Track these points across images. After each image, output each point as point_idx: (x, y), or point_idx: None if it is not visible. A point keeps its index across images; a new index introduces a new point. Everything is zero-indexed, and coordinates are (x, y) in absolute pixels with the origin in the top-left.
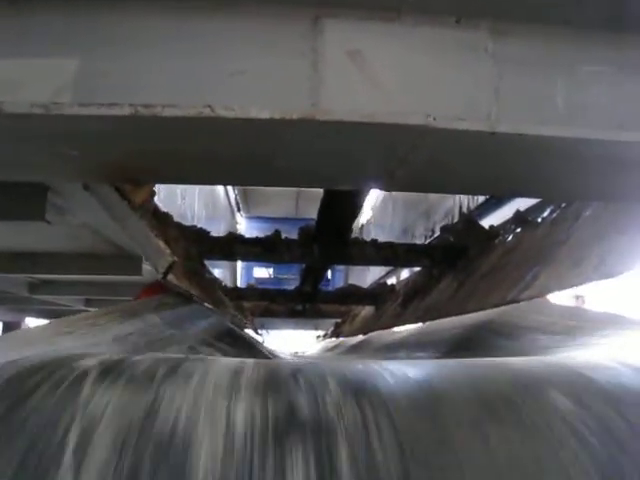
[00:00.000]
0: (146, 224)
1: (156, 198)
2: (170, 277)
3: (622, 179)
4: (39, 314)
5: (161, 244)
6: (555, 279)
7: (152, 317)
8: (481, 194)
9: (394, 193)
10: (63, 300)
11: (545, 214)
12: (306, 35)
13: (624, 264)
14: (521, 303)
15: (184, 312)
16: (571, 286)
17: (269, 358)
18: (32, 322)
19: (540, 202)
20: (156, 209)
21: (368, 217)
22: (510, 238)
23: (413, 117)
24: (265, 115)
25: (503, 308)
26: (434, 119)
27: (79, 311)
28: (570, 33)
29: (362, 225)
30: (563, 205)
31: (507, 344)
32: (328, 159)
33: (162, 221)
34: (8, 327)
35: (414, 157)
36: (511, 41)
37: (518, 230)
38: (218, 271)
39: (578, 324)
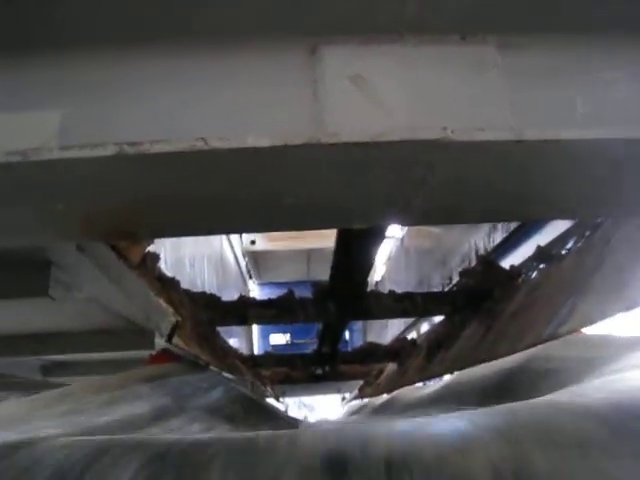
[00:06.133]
0: (145, 283)
1: (163, 266)
2: (176, 340)
3: None
4: None
5: (162, 303)
6: (594, 309)
7: (170, 381)
8: (504, 219)
9: (406, 244)
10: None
11: (569, 245)
12: (304, 65)
13: None
14: (558, 340)
15: (197, 380)
16: (615, 313)
17: (296, 427)
18: None
19: (560, 236)
20: (161, 274)
21: (382, 273)
22: (534, 275)
23: (428, 132)
24: (265, 143)
25: (538, 348)
26: (452, 132)
27: None
28: (583, 40)
29: (376, 282)
30: (588, 233)
31: (545, 384)
32: (339, 191)
33: (168, 285)
34: None
35: (431, 178)
36: (521, 53)
37: (541, 266)
38: (234, 340)
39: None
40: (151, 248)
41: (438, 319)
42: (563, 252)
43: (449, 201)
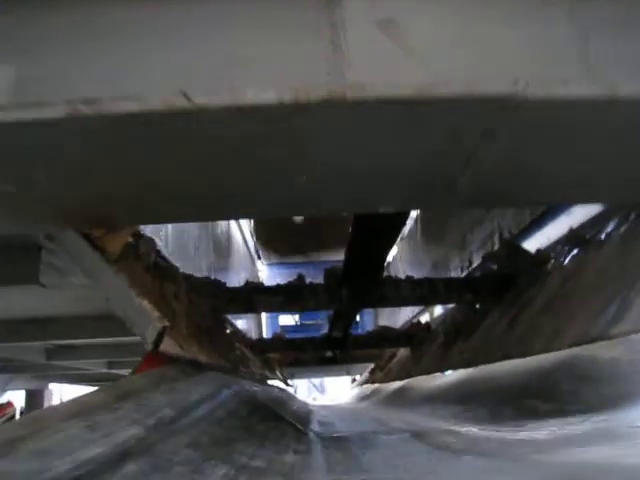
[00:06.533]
0: (127, 279)
1: (164, 250)
2: (166, 346)
3: None
4: (62, 379)
5: (147, 306)
6: None
7: (152, 398)
8: (572, 200)
9: (421, 224)
10: (84, 364)
11: (608, 229)
12: (320, 5)
13: None
14: (608, 341)
15: (190, 388)
16: None
17: (299, 430)
18: (55, 388)
19: (595, 217)
20: (157, 262)
21: (394, 253)
22: (568, 261)
23: (494, 84)
24: (269, 98)
25: (583, 348)
26: (526, 85)
27: (102, 374)
28: None
29: (388, 263)
30: (633, 217)
31: (591, 392)
32: (364, 165)
33: (162, 276)
34: (31, 395)
35: (486, 151)
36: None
37: (575, 252)
38: (242, 322)
39: None
40: (147, 231)
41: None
42: (602, 236)
43: (503, 180)
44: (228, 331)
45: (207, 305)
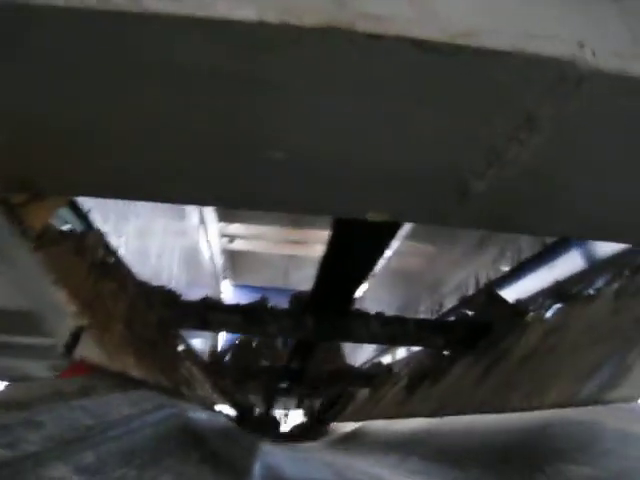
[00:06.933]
0: (43, 262)
1: (122, 251)
2: (85, 351)
3: None
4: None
5: (62, 296)
6: None
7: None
8: (602, 238)
9: (393, 263)
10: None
11: (598, 285)
12: None
13: None
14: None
15: (116, 402)
16: None
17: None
18: None
19: (582, 272)
20: (105, 260)
21: (362, 289)
22: (551, 315)
23: (551, 44)
24: (248, 14)
25: (571, 411)
26: (593, 54)
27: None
28: None
29: (356, 308)
30: (627, 272)
31: (579, 460)
32: (359, 141)
33: (105, 272)
34: None
35: (519, 147)
36: None
37: (559, 306)
38: (199, 341)
39: None
40: (103, 228)
41: (418, 348)
42: (590, 292)
43: (522, 200)
44: (181, 348)
45: (155, 316)
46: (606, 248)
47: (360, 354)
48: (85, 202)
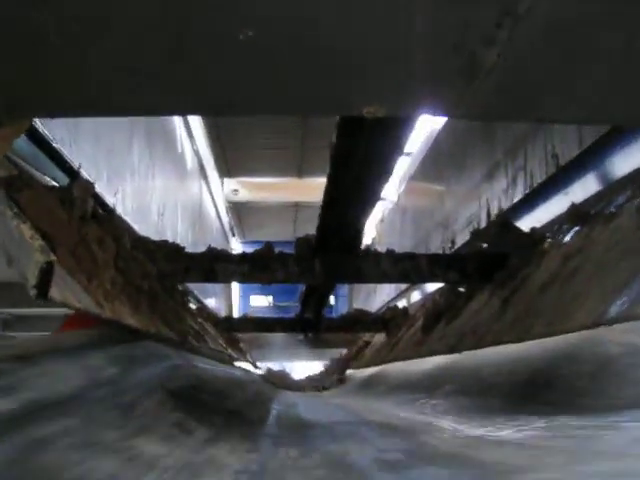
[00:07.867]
0: (5, 198)
1: (120, 209)
2: (63, 295)
3: None
4: None
5: (27, 231)
6: None
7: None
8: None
9: (402, 204)
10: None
11: (619, 202)
12: None
13: None
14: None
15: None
16: None
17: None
18: None
19: (600, 193)
20: (95, 212)
21: (372, 236)
22: (570, 239)
23: None
24: None
25: (596, 331)
26: None
27: None
28: None
29: (366, 246)
30: None
31: (610, 385)
32: (339, 16)
33: (103, 223)
34: None
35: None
36: None
37: (577, 229)
38: (211, 300)
39: None
40: (97, 184)
41: (433, 288)
42: (611, 209)
43: (539, 72)
44: (193, 306)
45: (156, 268)
46: (624, 167)
47: (375, 299)
48: (75, 157)
